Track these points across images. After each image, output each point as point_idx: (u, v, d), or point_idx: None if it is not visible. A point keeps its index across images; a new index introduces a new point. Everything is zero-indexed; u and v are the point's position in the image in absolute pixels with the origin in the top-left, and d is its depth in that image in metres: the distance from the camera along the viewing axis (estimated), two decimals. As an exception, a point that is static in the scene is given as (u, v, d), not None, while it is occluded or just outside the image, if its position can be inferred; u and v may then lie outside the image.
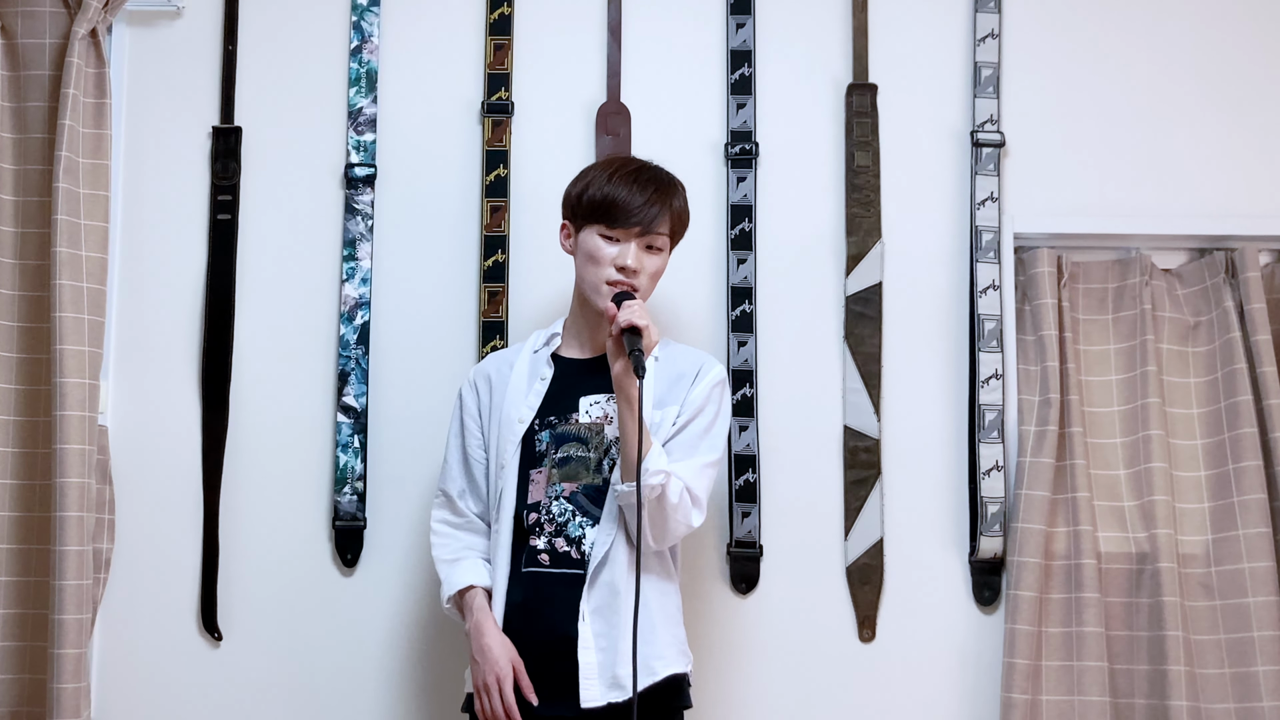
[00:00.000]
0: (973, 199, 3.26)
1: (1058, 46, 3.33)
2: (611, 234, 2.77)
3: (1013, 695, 3.05)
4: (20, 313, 3.10)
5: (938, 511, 3.21)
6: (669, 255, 2.84)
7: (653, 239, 2.78)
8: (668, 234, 2.81)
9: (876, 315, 3.23)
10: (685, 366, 2.83)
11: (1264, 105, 3.32)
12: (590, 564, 2.70)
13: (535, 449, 2.78)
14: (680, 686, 2.76)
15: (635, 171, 2.80)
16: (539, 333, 2.93)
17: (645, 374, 2.61)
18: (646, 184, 2.78)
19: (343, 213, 3.25)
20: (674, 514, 2.69)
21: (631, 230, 2.76)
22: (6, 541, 3.06)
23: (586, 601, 2.70)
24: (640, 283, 2.77)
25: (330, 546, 3.18)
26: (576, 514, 2.74)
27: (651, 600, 2.71)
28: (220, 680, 3.15)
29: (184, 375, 3.21)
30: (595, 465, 2.76)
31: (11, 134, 3.14)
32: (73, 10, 3.11)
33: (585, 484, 2.75)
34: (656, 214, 2.77)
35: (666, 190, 2.81)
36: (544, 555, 2.73)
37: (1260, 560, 3.09)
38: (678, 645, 2.76)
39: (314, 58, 3.30)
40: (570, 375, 2.83)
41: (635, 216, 2.76)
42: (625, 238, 2.77)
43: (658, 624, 2.72)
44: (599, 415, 2.78)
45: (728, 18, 3.32)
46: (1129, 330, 3.23)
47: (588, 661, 2.67)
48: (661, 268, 2.82)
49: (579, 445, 2.77)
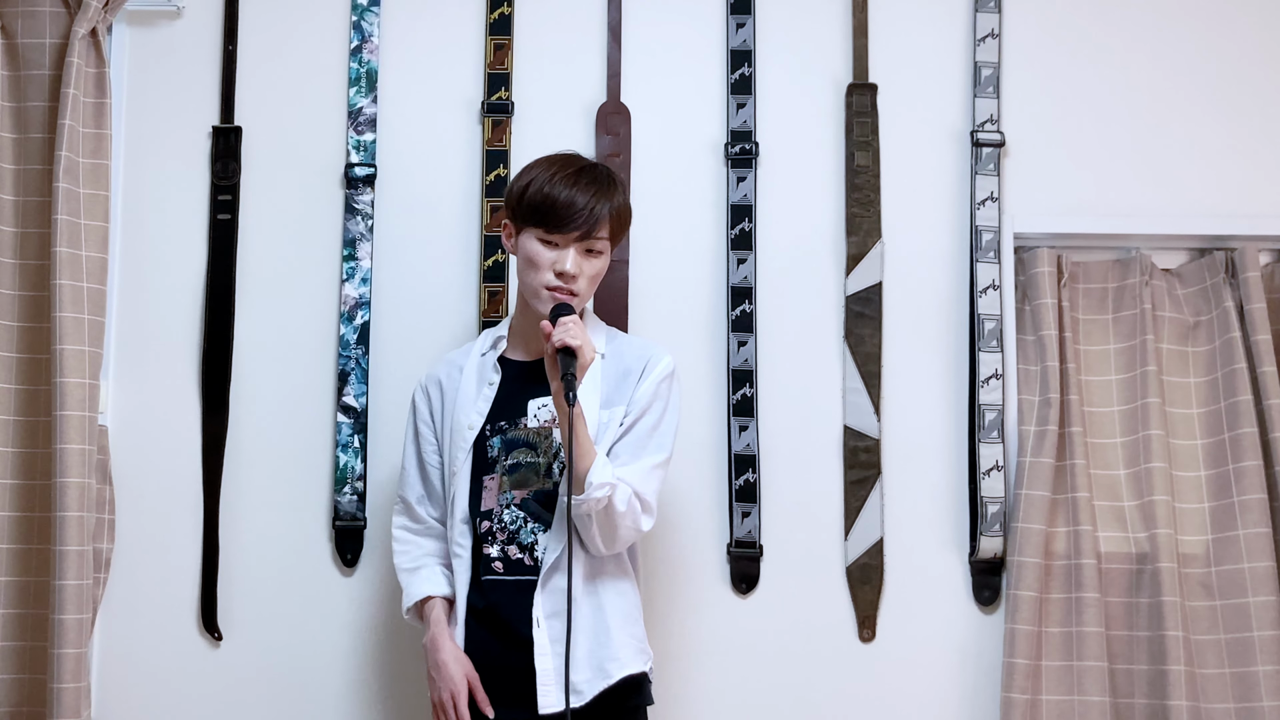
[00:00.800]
0: (973, 199, 3.26)
1: (1058, 46, 3.33)
2: (550, 238, 2.73)
3: (1013, 695, 3.05)
4: (20, 313, 3.10)
5: (938, 511, 3.21)
6: (609, 255, 2.81)
7: (593, 242, 2.75)
8: (608, 236, 2.77)
9: (876, 315, 3.23)
10: (632, 362, 2.80)
11: (1264, 105, 3.32)
12: (542, 569, 2.70)
13: (487, 455, 2.78)
14: (638, 686, 2.74)
15: (575, 174, 2.75)
16: (487, 334, 2.92)
17: (575, 402, 2.58)
18: (586, 186, 2.73)
19: (343, 213, 3.25)
20: (622, 521, 2.68)
21: (570, 235, 2.73)
22: (6, 541, 3.06)
23: (540, 607, 2.69)
24: (579, 287, 2.74)
25: (330, 546, 3.18)
26: (528, 520, 2.73)
27: (607, 602, 2.72)
28: (220, 680, 3.15)
29: (184, 375, 3.22)
30: (545, 470, 2.75)
31: (11, 134, 3.14)
32: (73, 10, 3.11)
33: (535, 490, 2.75)
34: (596, 218, 2.73)
35: (606, 191, 2.75)
36: (498, 563, 2.73)
37: (1260, 560, 3.09)
38: (635, 644, 2.74)
39: (314, 58, 3.30)
40: (518, 378, 2.82)
41: (574, 221, 2.71)
42: (564, 242, 2.73)
43: (612, 625, 2.71)
44: (547, 419, 2.76)
45: (728, 18, 3.32)
46: (1129, 330, 3.23)
47: (545, 668, 2.66)
48: (602, 270, 2.78)
49: (528, 451, 2.76)
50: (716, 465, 3.20)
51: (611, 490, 2.64)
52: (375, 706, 3.14)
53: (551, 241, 2.74)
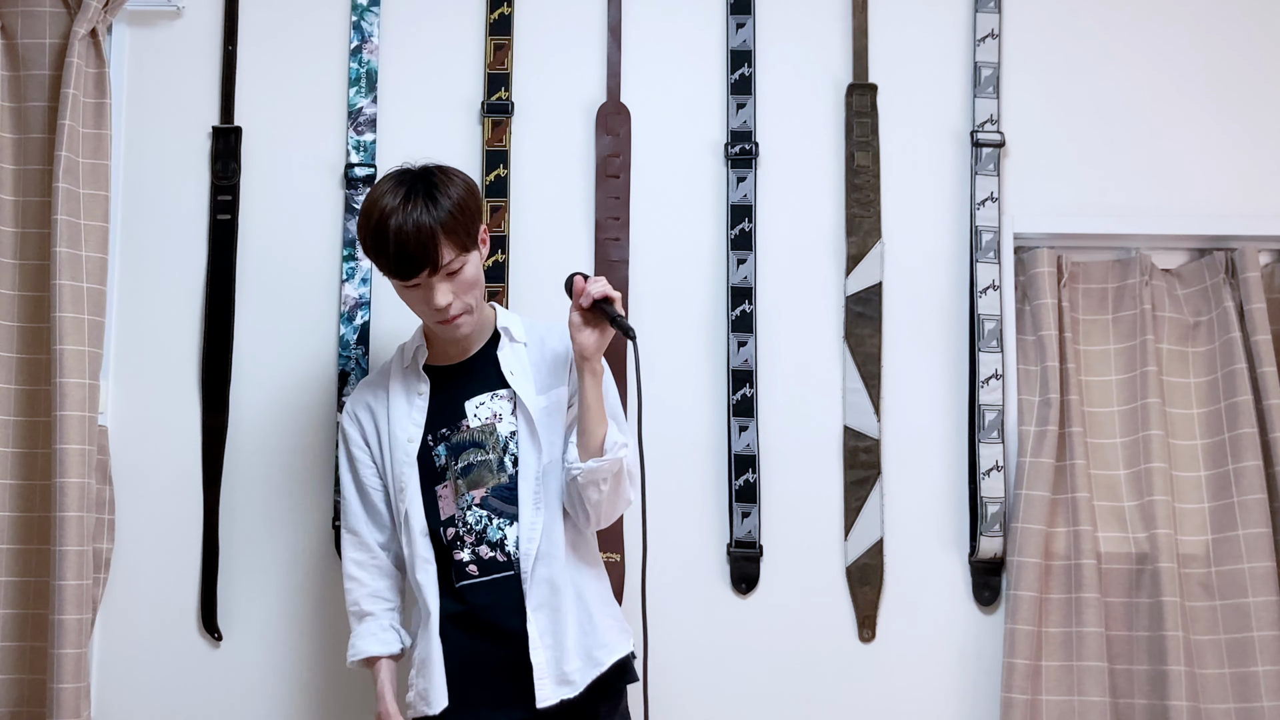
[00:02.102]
0: (973, 199, 3.26)
1: (1058, 46, 3.33)
2: (408, 285, 2.69)
3: (1013, 695, 3.05)
4: (20, 313, 3.10)
5: (938, 511, 3.21)
6: (478, 252, 2.74)
7: (448, 267, 2.67)
8: (457, 250, 2.67)
9: (876, 315, 3.23)
10: (555, 344, 2.81)
11: (1264, 105, 3.32)
12: (523, 562, 2.70)
13: (435, 465, 2.77)
14: (626, 667, 2.76)
15: (393, 217, 2.63)
16: (402, 347, 2.89)
17: (636, 335, 2.66)
18: (406, 235, 2.62)
19: (343, 213, 3.25)
20: (624, 487, 2.72)
21: (420, 277, 2.66)
22: (6, 541, 3.06)
23: (529, 600, 2.70)
24: (465, 302, 2.71)
25: (330, 547, 3.18)
26: (493, 518, 2.74)
27: (587, 589, 2.74)
28: (220, 680, 3.15)
29: (184, 375, 3.22)
30: (497, 465, 2.75)
31: (11, 134, 3.14)
32: (73, 10, 3.11)
33: (493, 486, 2.75)
34: (432, 249, 2.63)
35: (427, 216, 2.64)
36: (472, 567, 2.73)
37: (1260, 560, 3.09)
38: (617, 626, 2.77)
39: (314, 58, 3.30)
40: (448, 383, 2.81)
41: (413, 266, 2.64)
42: (423, 282, 2.67)
43: (595, 612, 2.72)
44: (488, 416, 2.77)
45: (728, 18, 3.32)
46: (1129, 330, 3.23)
47: (539, 661, 2.67)
48: (475, 274, 2.72)
49: (477, 450, 2.76)
50: (716, 465, 3.20)
51: (625, 450, 2.68)
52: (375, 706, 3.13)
53: (413, 285, 2.69)
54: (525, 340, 2.83)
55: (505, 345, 2.82)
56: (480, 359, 2.82)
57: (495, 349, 2.81)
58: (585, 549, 2.79)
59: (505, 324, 2.84)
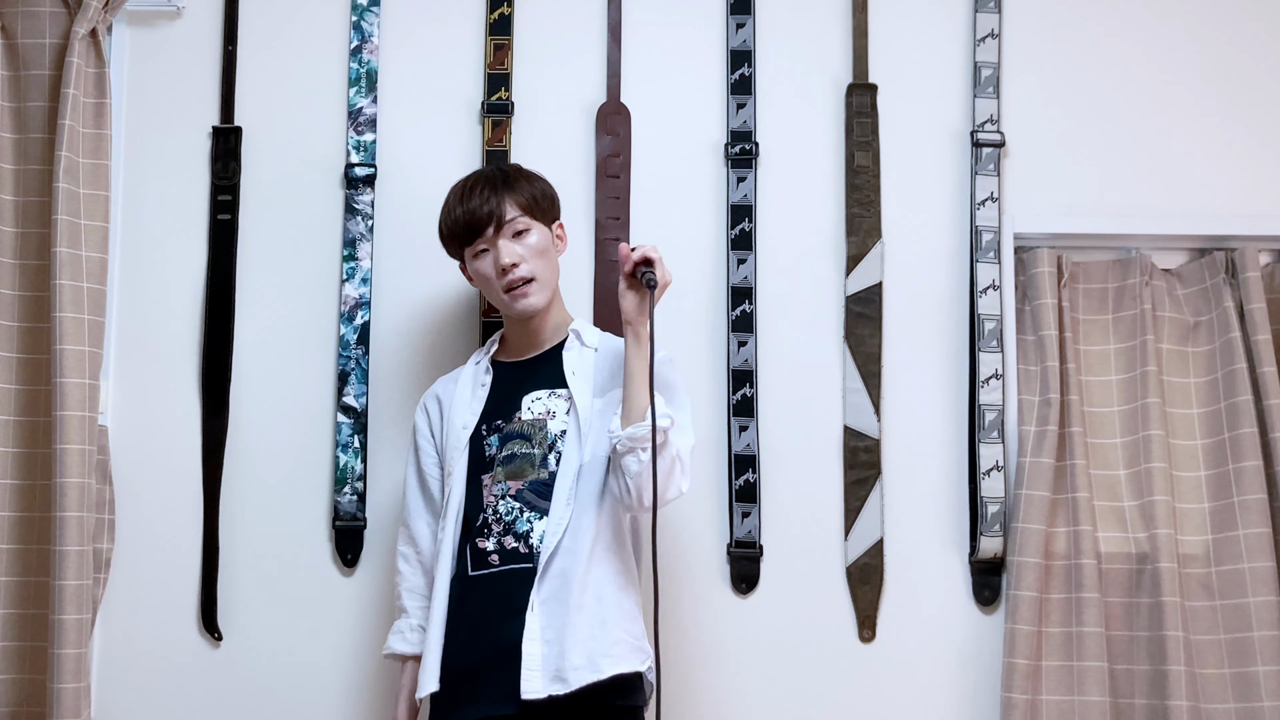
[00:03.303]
0: (973, 199, 3.26)
1: (1058, 46, 3.33)
2: (478, 249, 2.82)
3: (1013, 695, 3.05)
4: (20, 313, 3.10)
5: (938, 511, 3.21)
6: (550, 230, 2.87)
7: (513, 225, 2.81)
8: (523, 212, 2.82)
9: (876, 315, 3.23)
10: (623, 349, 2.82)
11: (1264, 105, 3.32)
12: (542, 555, 2.70)
13: (485, 454, 2.80)
14: (631, 686, 2.71)
15: (465, 188, 2.85)
16: (481, 349, 2.98)
17: (656, 285, 2.66)
18: (473, 191, 2.83)
19: (343, 213, 3.25)
20: (677, 473, 2.68)
21: (487, 235, 2.80)
22: (6, 541, 3.06)
23: (537, 592, 2.69)
24: (532, 267, 2.80)
25: (330, 546, 3.18)
26: (524, 510, 2.74)
27: (608, 596, 2.71)
28: (220, 680, 3.15)
29: (184, 375, 3.22)
30: (540, 460, 2.76)
31: (11, 134, 3.14)
32: (73, 10, 3.11)
33: (531, 480, 2.76)
34: (496, 205, 2.80)
35: (497, 182, 2.83)
36: (494, 555, 2.73)
37: (1260, 560, 3.09)
38: (632, 642, 2.71)
39: (314, 58, 3.30)
40: (510, 378, 2.86)
41: (479, 222, 2.80)
42: (490, 244, 2.80)
43: (609, 619, 2.69)
44: (541, 411, 2.79)
45: (728, 18, 3.32)
46: (1129, 330, 3.23)
47: (531, 653, 2.65)
48: (543, 244, 2.84)
49: (522, 442, 2.78)
50: (716, 465, 3.20)
51: (670, 423, 2.65)
52: (375, 706, 3.14)
53: (481, 250, 2.82)
54: (596, 346, 2.86)
55: (573, 346, 2.86)
56: (546, 357, 2.86)
57: (563, 349, 2.85)
58: (618, 557, 2.75)
59: (578, 328, 2.89)
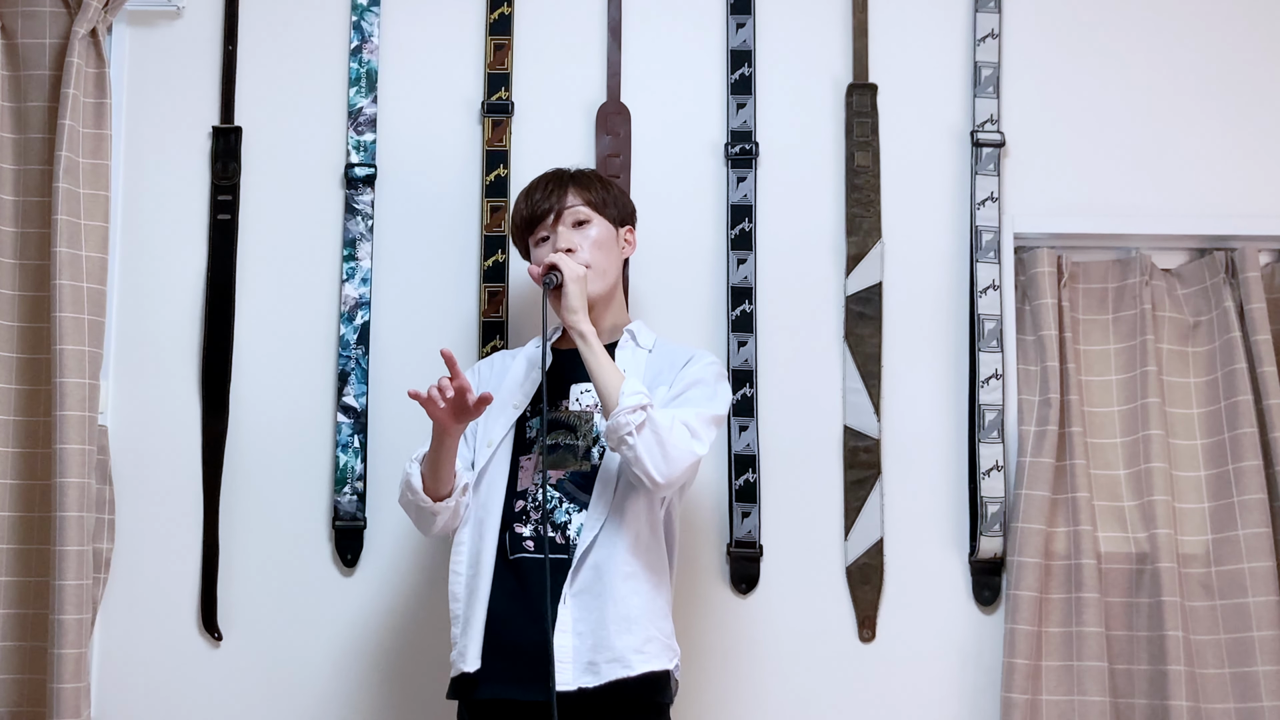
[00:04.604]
0: (973, 199, 3.26)
1: (1058, 46, 3.33)
2: (539, 237, 2.87)
3: (1013, 695, 3.05)
4: (20, 313, 3.10)
5: (938, 511, 3.21)
6: (609, 225, 2.88)
7: (573, 215, 2.85)
8: (584, 203, 2.87)
9: (876, 315, 3.23)
10: (677, 357, 2.85)
11: (1264, 105, 3.32)
12: (577, 548, 2.70)
13: (526, 435, 2.82)
14: (659, 684, 2.72)
15: (534, 183, 2.91)
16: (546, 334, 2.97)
17: (553, 284, 2.72)
18: (538, 185, 2.89)
19: (343, 213, 3.25)
20: (670, 436, 2.64)
21: (548, 223, 2.85)
22: (6, 541, 3.06)
23: (570, 585, 2.69)
24: (588, 255, 2.82)
25: (330, 546, 3.18)
26: (564, 500, 2.75)
27: (642, 590, 2.71)
28: (220, 680, 3.15)
29: (184, 375, 3.22)
30: (584, 452, 2.78)
31: (11, 134, 3.14)
32: (73, 10, 3.11)
33: (572, 471, 2.77)
34: (559, 196, 2.86)
35: (564, 177, 2.89)
36: (529, 541, 2.74)
37: (1260, 560, 3.09)
38: (662, 640, 2.72)
39: (314, 58, 3.30)
40: (565, 365, 2.86)
41: (541, 209, 2.86)
42: (550, 230, 2.86)
43: (638, 616, 2.69)
44: (589, 403, 2.81)
45: (728, 18, 3.32)
46: (1129, 330, 3.23)
47: (563, 644, 2.66)
48: (603, 237, 2.86)
49: (567, 433, 2.80)
50: (716, 465, 3.20)
51: (645, 399, 2.64)
52: (375, 706, 3.14)
53: (542, 238, 2.86)
54: (650, 348, 2.88)
55: (627, 345, 2.87)
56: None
57: (616, 347, 2.86)
58: (651, 553, 2.74)
59: (635, 329, 2.90)
